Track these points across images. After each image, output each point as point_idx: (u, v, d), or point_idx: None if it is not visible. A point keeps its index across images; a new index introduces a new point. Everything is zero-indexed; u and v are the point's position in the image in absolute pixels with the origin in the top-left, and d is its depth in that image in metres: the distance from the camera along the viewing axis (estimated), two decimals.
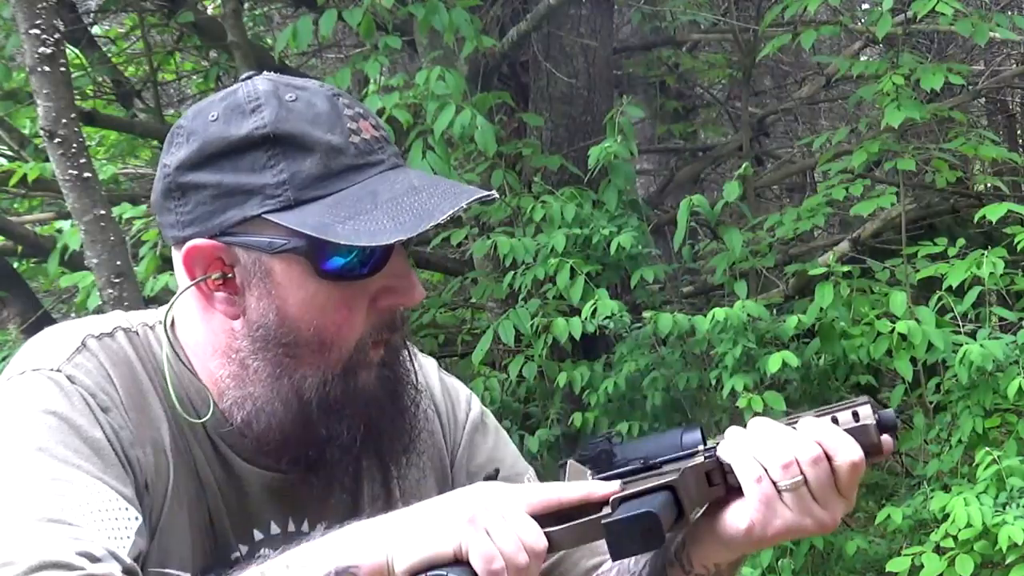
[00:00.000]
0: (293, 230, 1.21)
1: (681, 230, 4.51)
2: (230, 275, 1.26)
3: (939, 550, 3.87)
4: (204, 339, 1.30)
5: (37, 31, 3.28)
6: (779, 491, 1.21)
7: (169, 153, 1.28)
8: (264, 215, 1.22)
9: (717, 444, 1.26)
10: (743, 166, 4.89)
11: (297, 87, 1.27)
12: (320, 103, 1.26)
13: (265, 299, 1.25)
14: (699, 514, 1.27)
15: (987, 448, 4.01)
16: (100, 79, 6.31)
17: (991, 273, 4.17)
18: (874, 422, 1.25)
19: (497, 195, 1.32)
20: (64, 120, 3.33)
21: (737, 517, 1.23)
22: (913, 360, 4.28)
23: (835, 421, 1.25)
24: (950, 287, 4.34)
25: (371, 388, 1.28)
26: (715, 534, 1.26)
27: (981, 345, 4.03)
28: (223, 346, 1.28)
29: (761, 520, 1.22)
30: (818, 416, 1.26)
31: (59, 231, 4.58)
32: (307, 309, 1.25)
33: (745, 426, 1.26)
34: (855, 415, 1.25)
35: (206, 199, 1.24)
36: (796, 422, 1.26)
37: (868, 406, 1.26)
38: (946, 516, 3.87)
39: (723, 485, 1.24)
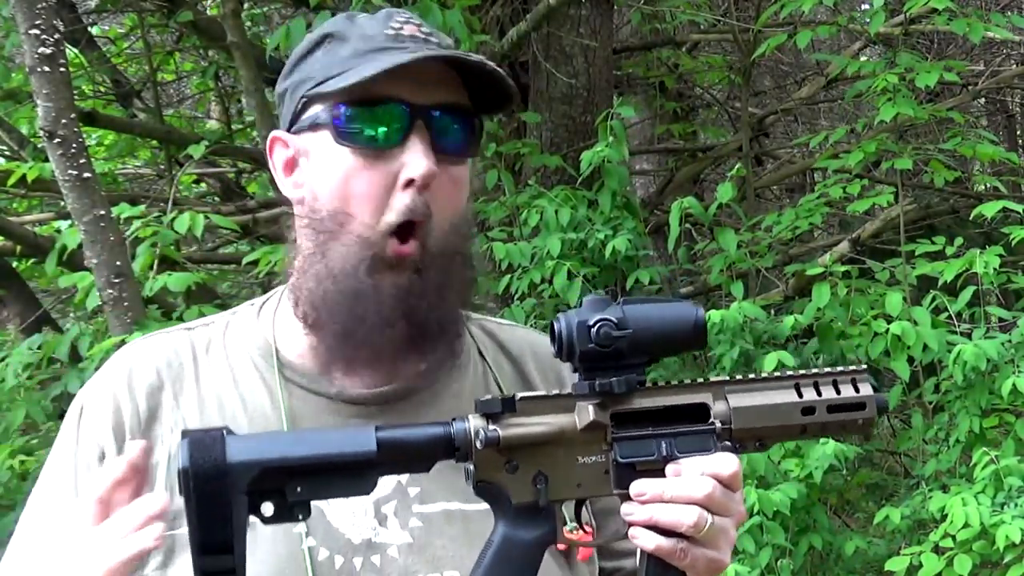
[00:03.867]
0: (321, 102, 1.33)
1: (674, 232, 4.51)
2: (295, 160, 1.38)
3: (938, 550, 3.88)
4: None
5: (37, 31, 3.28)
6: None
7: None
8: (305, 95, 1.35)
9: (729, 427, 1.24)
10: (736, 167, 4.89)
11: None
12: (379, 14, 1.37)
13: (309, 175, 1.36)
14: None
15: (985, 448, 4.02)
16: (100, 79, 6.32)
17: (986, 272, 4.17)
18: (873, 395, 1.26)
19: (487, 61, 1.34)
20: (64, 120, 3.33)
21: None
22: (911, 360, 4.28)
23: (836, 389, 1.25)
24: (947, 286, 4.35)
25: (397, 288, 1.30)
26: None
27: (975, 345, 4.04)
28: (297, 237, 1.38)
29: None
30: (818, 380, 1.26)
31: (58, 231, 4.58)
32: (332, 179, 1.33)
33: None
34: (855, 385, 1.26)
35: (287, 100, 1.39)
36: (783, 378, 1.26)
37: (868, 379, 1.27)
38: (944, 516, 3.87)
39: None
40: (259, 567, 1.28)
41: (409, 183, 1.30)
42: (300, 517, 1.14)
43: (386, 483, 1.34)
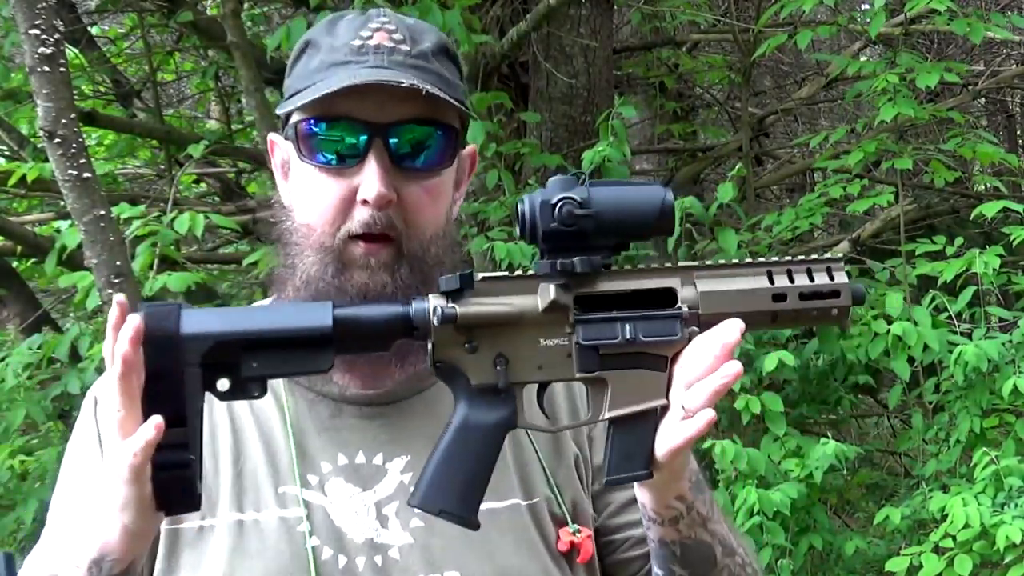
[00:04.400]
0: (290, 117, 1.35)
1: (674, 231, 4.51)
2: (284, 159, 1.41)
3: (938, 550, 3.88)
4: None
5: (37, 31, 3.28)
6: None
7: None
8: (281, 104, 1.37)
9: (696, 311, 1.21)
10: (736, 167, 4.89)
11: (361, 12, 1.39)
12: (356, 16, 1.37)
13: (286, 187, 1.41)
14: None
15: (985, 448, 4.02)
16: (100, 79, 6.32)
17: (986, 272, 4.17)
18: (848, 283, 1.23)
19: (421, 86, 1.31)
20: (64, 120, 3.33)
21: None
22: (911, 360, 4.28)
23: (809, 276, 1.23)
24: (947, 286, 4.35)
25: (367, 286, 1.31)
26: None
27: (976, 345, 4.04)
28: None
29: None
30: (791, 267, 1.23)
31: (58, 231, 4.58)
32: (300, 193, 1.36)
33: (742, 421, 1.27)
34: (829, 273, 1.24)
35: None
36: (758, 264, 1.23)
37: (844, 268, 1.25)
38: (945, 516, 3.87)
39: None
40: (263, 565, 1.29)
41: (365, 202, 1.31)
42: (255, 394, 1.14)
43: (389, 483, 1.35)
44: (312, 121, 1.32)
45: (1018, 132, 9.64)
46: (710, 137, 7.48)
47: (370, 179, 1.30)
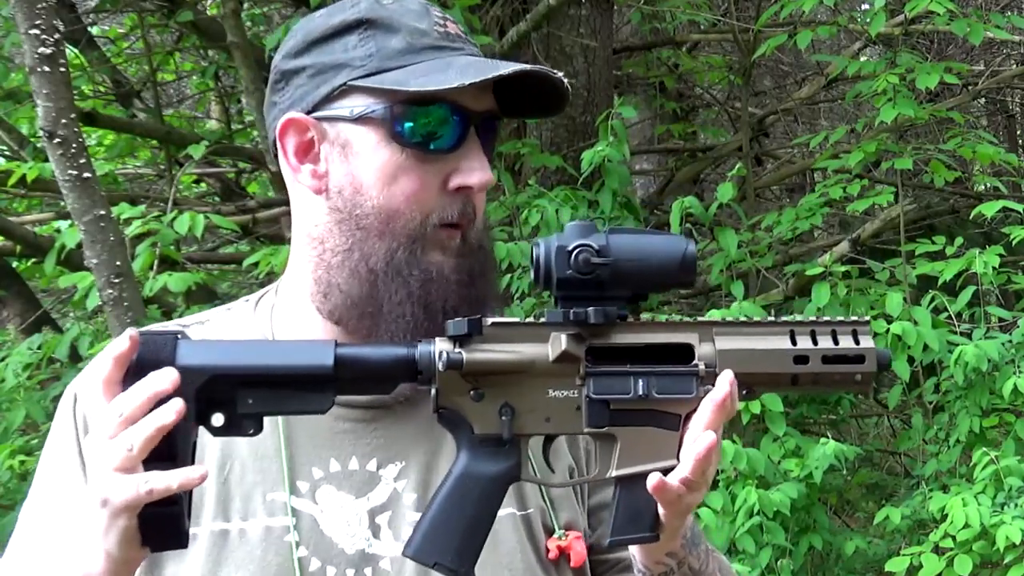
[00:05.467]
0: (373, 96, 1.27)
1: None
2: (315, 147, 1.31)
3: (938, 550, 3.88)
4: (298, 239, 1.35)
5: (37, 31, 3.28)
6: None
7: (279, 51, 1.38)
8: (349, 83, 1.28)
9: (715, 370, 1.16)
10: (736, 167, 4.89)
11: None
12: (412, 4, 1.33)
13: (344, 169, 1.29)
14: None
15: (985, 448, 4.02)
16: (100, 79, 6.32)
17: (986, 272, 4.17)
18: (875, 348, 1.18)
19: (564, 79, 1.32)
20: (64, 120, 3.33)
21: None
22: (911, 360, 4.28)
23: (834, 339, 1.19)
24: (947, 286, 4.35)
25: (441, 268, 1.27)
26: None
27: (976, 345, 4.04)
28: (309, 229, 1.32)
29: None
30: (815, 328, 1.19)
31: (58, 231, 4.58)
32: (379, 176, 1.28)
33: (741, 421, 1.25)
34: (855, 337, 1.19)
35: (304, 80, 1.32)
36: (780, 324, 1.20)
37: (869, 332, 1.20)
38: (944, 516, 3.88)
39: None
40: None
41: (460, 189, 1.28)
42: (251, 432, 1.10)
43: (382, 491, 1.30)
44: (409, 104, 1.27)
45: (1018, 132, 9.63)
46: (710, 137, 7.48)
47: (475, 166, 1.27)
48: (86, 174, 3.40)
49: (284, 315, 1.37)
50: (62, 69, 3.36)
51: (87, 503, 1.09)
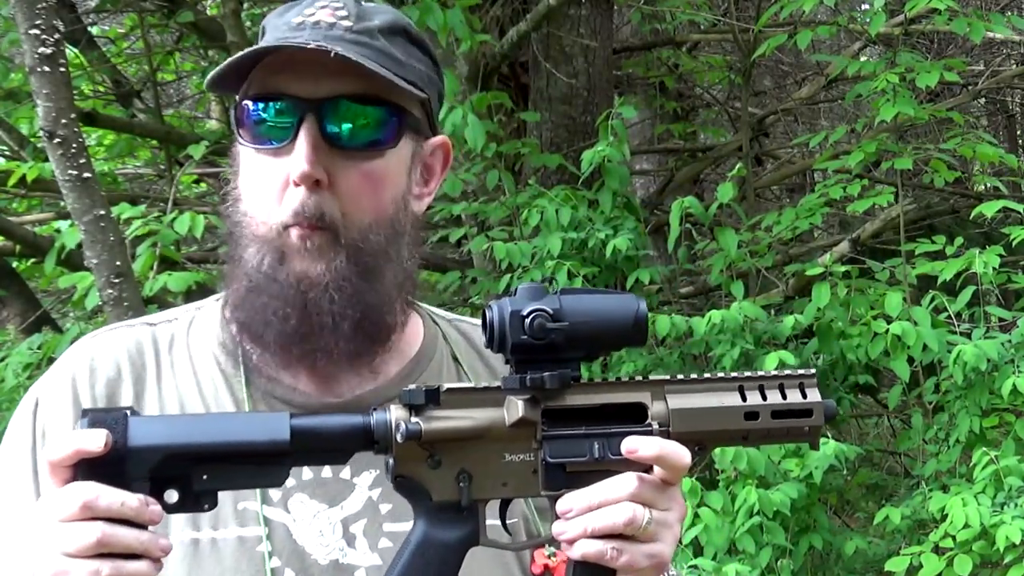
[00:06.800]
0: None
1: (675, 232, 4.51)
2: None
3: (938, 550, 3.88)
4: None
5: (37, 31, 3.28)
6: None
7: None
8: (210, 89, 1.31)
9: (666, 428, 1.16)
10: (736, 167, 4.89)
11: None
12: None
13: (234, 181, 1.30)
14: None
15: (985, 448, 4.02)
16: (100, 79, 6.32)
17: (986, 272, 4.17)
18: (822, 402, 1.18)
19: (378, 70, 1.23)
20: (64, 120, 3.33)
21: None
22: (911, 360, 4.28)
23: (782, 393, 1.18)
24: (947, 286, 4.35)
25: (305, 275, 1.23)
26: None
27: (975, 345, 4.04)
28: None
29: None
30: (763, 383, 1.19)
31: (58, 231, 4.58)
32: (241, 181, 1.28)
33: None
34: (802, 390, 1.19)
35: None
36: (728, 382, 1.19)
37: (816, 384, 1.19)
38: (944, 516, 3.88)
39: None
40: None
41: (296, 183, 1.23)
42: (206, 507, 1.08)
43: (356, 499, 1.28)
44: (247, 101, 1.24)
45: (1018, 132, 9.64)
46: (710, 137, 7.48)
47: (297, 157, 1.21)
48: (86, 174, 3.40)
49: (225, 319, 1.34)
50: (62, 69, 3.36)
51: (37, 532, 1.05)
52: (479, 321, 1.36)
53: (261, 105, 1.24)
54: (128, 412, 1.06)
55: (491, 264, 4.88)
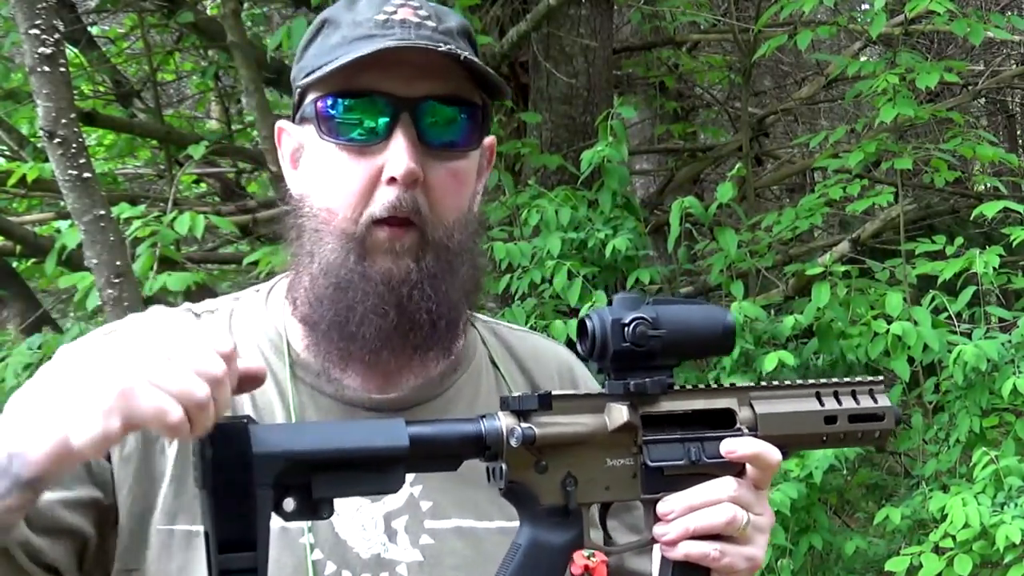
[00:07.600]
0: (311, 94, 1.28)
1: (674, 232, 4.51)
2: (299, 153, 1.33)
3: (938, 550, 3.88)
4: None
5: (37, 31, 3.28)
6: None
7: None
8: (298, 86, 1.31)
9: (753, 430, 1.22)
10: (736, 167, 4.89)
11: None
12: None
13: (303, 169, 1.32)
14: None
15: (985, 448, 4.02)
16: (100, 79, 6.32)
17: (986, 272, 4.17)
18: (892, 407, 1.27)
19: (473, 59, 1.27)
20: (64, 120, 3.33)
21: None
22: (911, 360, 4.28)
23: (855, 399, 1.26)
24: (947, 286, 4.35)
25: (389, 274, 1.25)
26: None
27: (976, 345, 4.04)
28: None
29: None
30: (837, 389, 1.26)
31: (58, 231, 4.58)
32: (320, 175, 1.29)
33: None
34: (872, 396, 1.27)
35: (295, 90, 1.34)
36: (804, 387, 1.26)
37: (884, 390, 1.28)
38: (944, 516, 3.88)
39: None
40: None
41: (392, 180, 1.25)
42: (324, 515, 1.08)
43: (398, 496, 1.30)
44: (333, 97, 1.26)
45: (1018, 132, 9.64)
46: (710, 137, 7.48)
47: (398, 155, 1.23)
48: (86, 174, 3.40)
49: (268, 312, 1.36)
50: (62, 69, 3.36)
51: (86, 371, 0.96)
52: (515, 326, 1.47)
53: (351, 102, 1.25)
54: (246, 420, 1.06)
55: (491, 264, 4.88)
